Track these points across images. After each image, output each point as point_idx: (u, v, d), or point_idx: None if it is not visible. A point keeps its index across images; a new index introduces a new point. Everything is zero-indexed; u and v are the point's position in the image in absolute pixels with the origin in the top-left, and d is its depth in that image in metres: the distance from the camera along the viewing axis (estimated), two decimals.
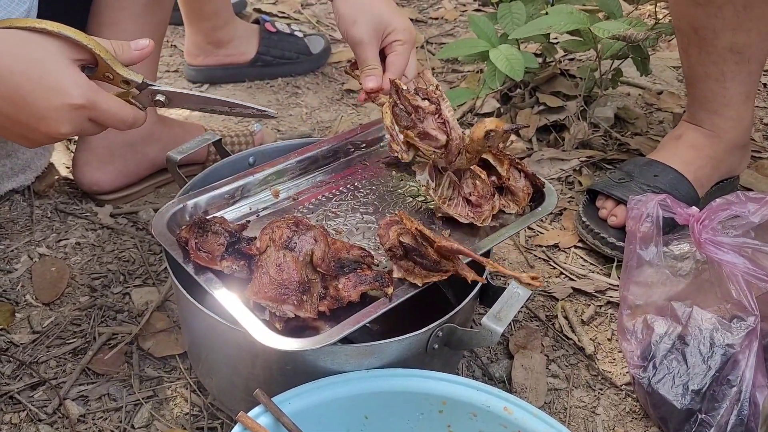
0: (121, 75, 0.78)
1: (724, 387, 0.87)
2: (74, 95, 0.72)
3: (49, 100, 0.71)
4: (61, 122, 0.73)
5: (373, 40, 0.97)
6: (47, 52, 0.72)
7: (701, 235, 0.92)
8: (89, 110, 0.74)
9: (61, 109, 0.72)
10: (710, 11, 1.08)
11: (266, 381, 0.85)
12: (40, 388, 0.97)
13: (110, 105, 0.76)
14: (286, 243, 0.82)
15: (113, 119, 0.77)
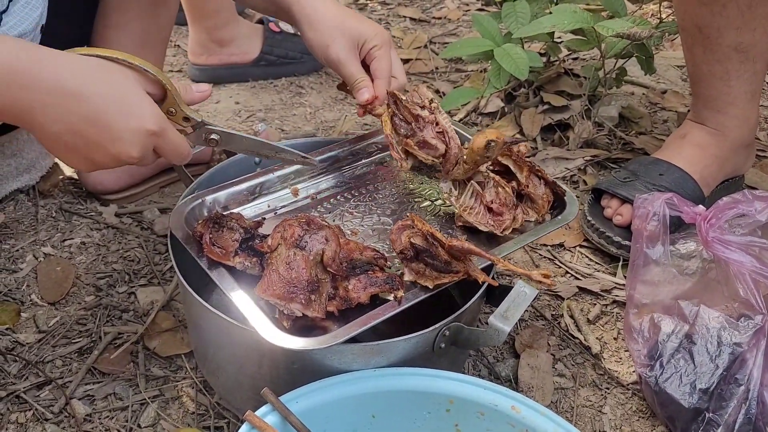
0: (183, 112, 0.82)
1: (732, 386, 0.87)
2: (151, 120, 0.76)
3: (127, 122, 0.75)
4: (133, 145, 0.75)
5: (351, 56, 0.97)
6: (126, 78, 0.77)
7: (708, 234, 0.91)
8: (159, 138, 0.77)
9: (137, 132, 0.75)
10: (714, 10, 1.07)
11: (273, 380, 0.85)
12: (46, 388, 0.97)
13: (176, 137, 0.80)
14: (297, 242, 0.82)
15: (173, 152, 0.80)
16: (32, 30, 0.86)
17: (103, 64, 0.76)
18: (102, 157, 0.76)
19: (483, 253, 0.83)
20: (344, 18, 0.97)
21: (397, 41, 1.92)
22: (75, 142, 0.74)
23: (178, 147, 0.80)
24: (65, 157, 0.78)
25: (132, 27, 1.16)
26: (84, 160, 0.77)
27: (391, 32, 1.98)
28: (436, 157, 0.96)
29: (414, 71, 1.79)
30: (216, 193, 0.96)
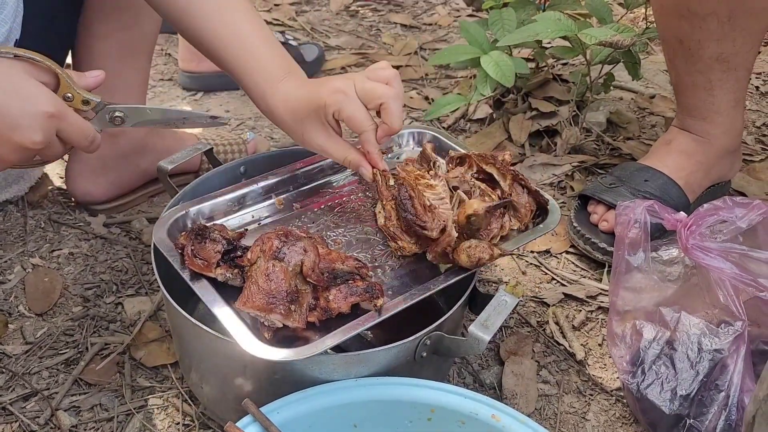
0: (81, 95, 0.83)
1: (713, 392, 0.88)
2: (47, 103, 0.76)
3: (23, 108, 0.75)
4: (33, 130, 0.75)
5: (327, 137, 0.92)
6: (16, 69, 0.77)
7: (688, 241, 0.92)
8: (59, 120, 0.77)
9: (35, 116, 0.75)
10: (694, 23, 1.08)
11: (256, 390, 0.86)
12: (32, 399, 0.97)
13: (77, 119, 0.80)
14: (276, 253, 0.82)
15: (78, 133, 0.80)
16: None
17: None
18: (6, 149, 0.76)
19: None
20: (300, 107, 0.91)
21: (387, 47, 1.93)
22: None
23: (81, 128, 0.80)
24: None
25: (116, 37, 1.17)
26: None
27: (382, 39, 1.99)
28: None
29: (404, 77, 1.80)
30: (200, 204, 0.97)
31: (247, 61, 0.95)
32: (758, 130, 1.60)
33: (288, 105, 0.92)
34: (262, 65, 0.94)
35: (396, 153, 1.12)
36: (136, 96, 1.23)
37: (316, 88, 0.90)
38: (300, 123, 0.91)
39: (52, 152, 0.80)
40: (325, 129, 0.91)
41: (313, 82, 0.94)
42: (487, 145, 1.53)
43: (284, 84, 0.93)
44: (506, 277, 1.21)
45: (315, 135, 0.91)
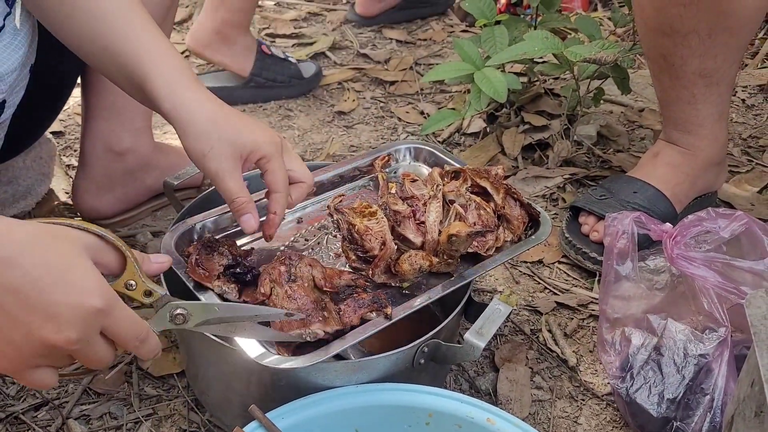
0: (145, 284, 0.70)
1: (698, 395, 0.92)
2: (96, 295, 0.62)
3: (67, 295, 0.61)
4: (71, 324, 0.61)
5: (231, 168, 0.83)
6: (74, 246, 0.64)
7: (673, 251, 0.96)
8: (105, 316, 0.63)
9: (77, 308, 0.61)
10: (677, 40, 1.13)
11: (261, 397, 0.89)
12: (43, 409, 1.00)
13: (128, 314, 0.66)
14: (287, 277, 0.86)
15: (126, 333, 0.66)
16: (14, 70, 0.85)
17: (49, 229, 0.64)
18: (24, 339, 0.61)
19: None
20: (225, 124, 0.83)
21: (383, 65, 1.98)
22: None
23: (132, 326, 0.66)
24: None
25: None
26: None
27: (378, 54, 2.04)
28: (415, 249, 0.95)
29: (400, 92, 1.84)
30: (205, 219, 1.00)
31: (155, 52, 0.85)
32: (744, 142, 1.65)
33: (216, 117, 0.83)
34: (172, 60, 0.85)
35: (393, 167, 1.16)
36: (143, 115, 1.26)
37: (252, 127, 0.86)
38: (216, 140, 0.82)
39: (93, 354, 0.65)
40: (235, 161, 0.84)
41: (246, 118, 0.88)
42: (481, 158, 1.58)
43: (205, 93, 0.85)
44: (500, 286, 1.25)
45: (222, 159, 0.82)
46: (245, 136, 0.84)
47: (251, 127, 0.85)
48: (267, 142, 0.85)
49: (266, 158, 0.85)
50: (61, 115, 1.68)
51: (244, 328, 0.78)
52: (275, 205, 0.86)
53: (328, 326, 0.82)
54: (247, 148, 0.84)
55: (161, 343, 0.72)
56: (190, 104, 0.83)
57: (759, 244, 0.97)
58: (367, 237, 0.92)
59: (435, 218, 0.97)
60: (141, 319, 0.68)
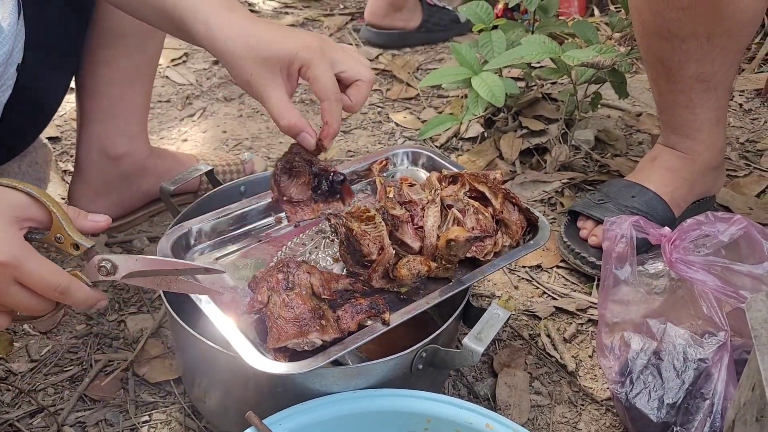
0: (71, 237, 0.75)
1: (698, 400, 0.91)
2: (1, 251, 0.68)
3: None
4: None
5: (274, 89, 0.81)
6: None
7: (672, 255, 0.96)
8: (13, 269, 0.69)
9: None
10: (675, 44, 1.13)
11: (258, 403, 0.88)
12: (38, 416, 1.00)
13: (39, 267, 0.70)
14: (285, 285, 0.86)
15: (40, 282, 0.71)
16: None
17: None
18: None
19: None
20: (259, 44, 0.80)
21: (385, 79, 1.98)
22: None
23: (44, 276, 0.70)
24: None
25: (120, 62, 1.20)
26: None
27: (379, 59, 2.03)
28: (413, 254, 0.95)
29: (398, 97, 1.84)
30: (202, 223, 1.00)
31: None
32: (742, 146, 1.65)
33: (249, 40, 0.80)
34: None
35: (391, 172, 1.16)
36: (139, 119, 1.26)
37: (285, 36, 0.81)
38: (254, 62, 0.80)
39: (13, 302, 0.71)
40: (277, 79, 0.81)
41: (282, 28, 0.84)
42: (479, 163, 1.57)
43: (237, 15, 0.82)
44: (499, 291, 1.25)
45: (265, 81, 0.80)
46: (281, 49, 0.80)
47: (284, 38, 0.81)
48: (303, 47, 0.80)
49: (305, 66, 0.80)
50: (58, 120, 1.67)
51: (177, 283, 0.80)
52: (327, 114, 0.82)
53: (326, 335, 0.81)
54: (285, 62, 0.80)
55: (101, 296, 0.77)
56: (228, 33, 0.80)
57: (757, 247, 0.96)
58: (365, 242, 0.91)
59: (433, 223, 0.97)
60: (60, 271, 0.72)
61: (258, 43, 0.80)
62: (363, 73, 0.84)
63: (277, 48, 0.80)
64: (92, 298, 0.76)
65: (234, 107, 1.78)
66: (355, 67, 0.84)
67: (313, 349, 0.82)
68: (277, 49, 0.80)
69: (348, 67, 0.83)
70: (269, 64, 0.80)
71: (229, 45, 0.81)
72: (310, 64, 0.80)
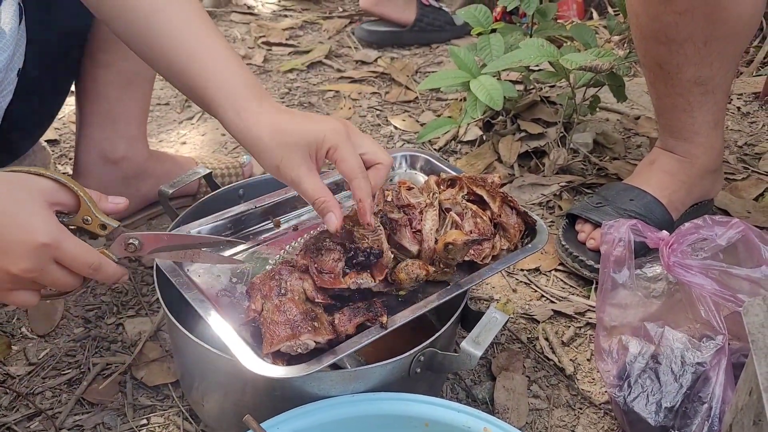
0: (99, 219, 0.81)
1: (696, 404, 0.91)
2: (41, 232, 0.73)
3: (13, 234, 0.72)
4: (23, 258, 0.72)
5: (307, 172, 0.83)
6: (22, 191, 0.74)
7: (670, 259, 0.96)
8: (54, 249, 0.74)
9: (26, 244, 0.72)
10: (672, 48, 1.13)
11: (256, 407, 0.88)
12: (36, 419, 0.99)
13: (75, 247, 0.76)
14: (278, 291, 0.86)
15: (77, 260, 0.76)
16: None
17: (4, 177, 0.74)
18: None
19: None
20: (288, 130, 0.83)
21: (383, 82, 1.98)
22: None
23: (81, 255, 0.76)
24: None
25: (119, 65, 1.21)
26: None
27: (378, 62, 2.04)
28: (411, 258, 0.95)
29: (397, 100, 1.84)
30: (200, 226, 1.00)
31: (221, 73, 0.87)
32: (740, 150, 1.65)
33: (276, 127, 0.84)
34: (237, 79, 0.87)
35: (389, 175, 1.16)
36: (138, 122, 1.26)
37: (312, 121, 0.86)
38: (283, 148, 0.83)
39: (51, 280, 0.76)
40: (307, 162, 0.84)
41: (306, 115, 0.89)
42: (478, 166, 1.57)
43: (266, 105, 0.86)
44: (497, 294, 1.25)
45: (295, 165, 0.83)
46: (309, 134, 0.83)
47: (313, 123, 0.84)
48: (330, 131, 0.83)
49: (333, 148, 0.83)
50: (56, 124, 1.67)
51: (201, 256, 0.87)
52: (358, 192, 0.84)
53: (318, 336, 0.81)
54: (314, 146, 0.83)
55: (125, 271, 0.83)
56: (255, 121, 0.84)
57: (755, 251, 0.96)
58: (364, 245, 0.91)
59: (431, 226, 0.97)
60: (92, 250, 0.79)
61: (289, 130, 0.84)
62: (382, 157, 0.88)
63: (306, 132, 0.83)
64: (119, 273, 0.83)
65: None
66: (376, 152, 0.88)
67: (310, 352, 0.82)
68: (306, 134, 0.83)
69: (369, 150, 0.87)
70: (301, 150, 0.83)
71: (261, 133, 0.84)
72: (337, 147, 0.84)
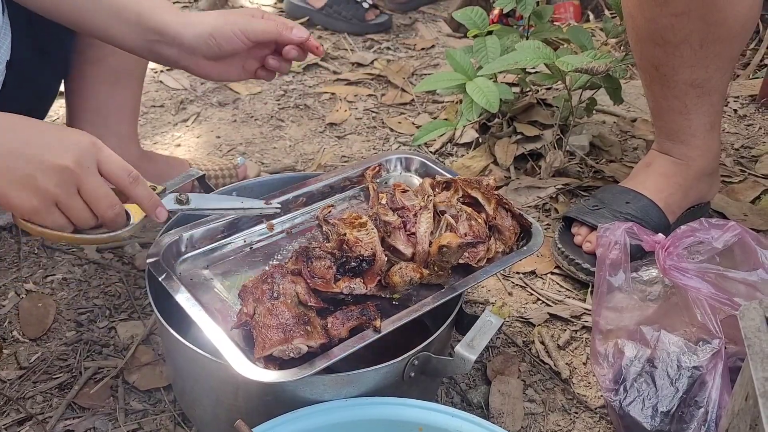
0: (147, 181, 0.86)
1: (692, 408, 0.90)
2: (87, 136, 0.79)
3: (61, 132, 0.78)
4: (68, 150, 0.76)
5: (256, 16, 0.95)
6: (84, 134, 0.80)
7: (666, 262, 0.95)
8: (98, 150, 0.79)
9: (70, 138, 0.78)
10: (668, 50, 1.13)
11: (248, 411, 0.87)
12: (27, 424, 0.98)
13: (115, 154, 0.80)
14: (270, 295, 0.85)
15: (117, 164, 0.80)
16: None
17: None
18: (34, 168, 0.75)
19: None
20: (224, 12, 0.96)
21: (380, 84, 1.97)
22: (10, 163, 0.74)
23: (121, 161, 0.80)
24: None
25: (108, 62, 1.20)
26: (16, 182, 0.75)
27: (374, 64, 2.03)
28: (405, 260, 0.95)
29: (393, 102, 1.84)
30: (193, 230, 0.99)
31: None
32: (737, 152, 1.65)
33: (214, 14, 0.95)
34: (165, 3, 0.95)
35: (384, 178, 1.15)
36: (129, 120, 1.25)
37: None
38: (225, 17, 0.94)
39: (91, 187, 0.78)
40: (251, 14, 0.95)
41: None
42: (474, 168, 1.57)
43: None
44: (493, 297, 1.24)
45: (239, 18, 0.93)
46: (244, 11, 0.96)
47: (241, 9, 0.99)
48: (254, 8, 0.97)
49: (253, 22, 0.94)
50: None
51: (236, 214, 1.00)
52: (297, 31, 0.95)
53: (311, 340, 0.80)
54: (248, 13, 0.95)
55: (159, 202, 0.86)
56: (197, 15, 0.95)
57: (752, 254, 0.96)
58: (357, 248, 0.91)
59: (426, 229, 0.96)
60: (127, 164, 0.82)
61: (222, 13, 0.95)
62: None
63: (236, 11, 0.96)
64: (155, 199, 0.85)
65: (228, 112, 1.78)
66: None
67: (303, 356, 0.81)
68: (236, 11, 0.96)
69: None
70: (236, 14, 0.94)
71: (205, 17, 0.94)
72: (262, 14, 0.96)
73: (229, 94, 1.85)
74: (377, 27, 2.19)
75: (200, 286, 0.94)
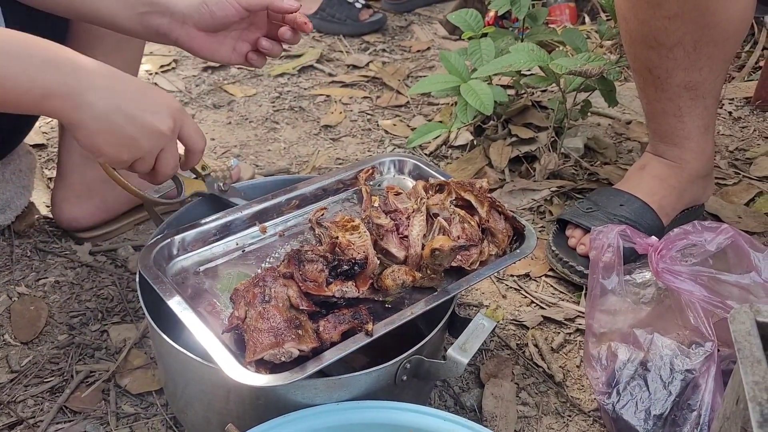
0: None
1: (685, 411, 0.90)
2: (177, 102, 0.87)
3: (164, 98, 0.85)
4: (168, 117, 0.83)
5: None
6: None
7: (658, 265, 0.95)
8: (185, 116, 0.87)
9: (170, 106, 0.84)
10: (662, 53, 1.12)
11: (239, 415, 0.87)
12: (17, 428, 0.98)
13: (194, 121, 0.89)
14: (261, 298, 0.84)
15: (196, 132, 0.90)
16: None
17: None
18: (138, 130, 0.81)
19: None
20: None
21: (375, 86, 1.97)
22: (117, 120, 0.79)
23: (200, 131, 0.90)
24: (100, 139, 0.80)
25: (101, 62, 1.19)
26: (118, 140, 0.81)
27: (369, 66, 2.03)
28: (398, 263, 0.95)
29: (388, 104, 1.84)
30: (185, 233, 0.99)
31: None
32: (731, 155, 1.65)
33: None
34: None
35: (377, 180, 1.15)
36: None
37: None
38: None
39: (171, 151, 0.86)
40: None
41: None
42: (468, 171, 1.56)
43: None
44: (486, 300, 1.24)
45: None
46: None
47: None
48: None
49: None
50: (44, 128, 1.66)
51: None
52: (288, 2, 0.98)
53: (303, 344, 0.80)
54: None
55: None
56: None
57: (745, 257, 0.96)
58: (350, 251, 0.90)
59: (418, 232, 0.96)
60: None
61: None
62: None
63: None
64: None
65: (223, 114, 1.77)
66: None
67: (295, 360, 0.81)
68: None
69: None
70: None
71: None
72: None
73: (223, 96, 1.85)
74: (372, 26, 2.19)
75: (192, 290, 0.94)
